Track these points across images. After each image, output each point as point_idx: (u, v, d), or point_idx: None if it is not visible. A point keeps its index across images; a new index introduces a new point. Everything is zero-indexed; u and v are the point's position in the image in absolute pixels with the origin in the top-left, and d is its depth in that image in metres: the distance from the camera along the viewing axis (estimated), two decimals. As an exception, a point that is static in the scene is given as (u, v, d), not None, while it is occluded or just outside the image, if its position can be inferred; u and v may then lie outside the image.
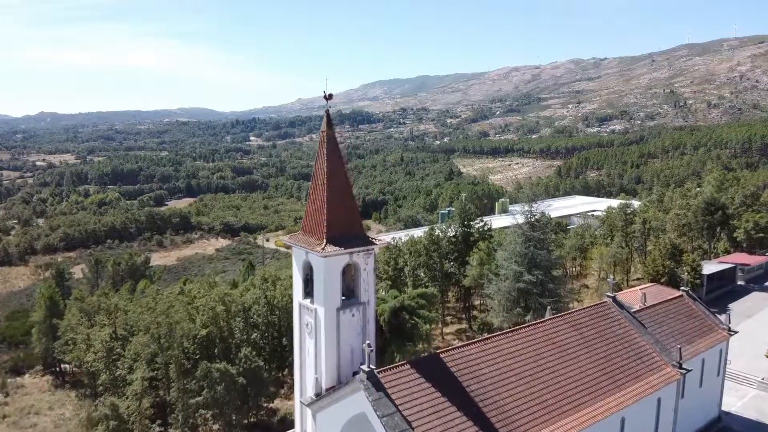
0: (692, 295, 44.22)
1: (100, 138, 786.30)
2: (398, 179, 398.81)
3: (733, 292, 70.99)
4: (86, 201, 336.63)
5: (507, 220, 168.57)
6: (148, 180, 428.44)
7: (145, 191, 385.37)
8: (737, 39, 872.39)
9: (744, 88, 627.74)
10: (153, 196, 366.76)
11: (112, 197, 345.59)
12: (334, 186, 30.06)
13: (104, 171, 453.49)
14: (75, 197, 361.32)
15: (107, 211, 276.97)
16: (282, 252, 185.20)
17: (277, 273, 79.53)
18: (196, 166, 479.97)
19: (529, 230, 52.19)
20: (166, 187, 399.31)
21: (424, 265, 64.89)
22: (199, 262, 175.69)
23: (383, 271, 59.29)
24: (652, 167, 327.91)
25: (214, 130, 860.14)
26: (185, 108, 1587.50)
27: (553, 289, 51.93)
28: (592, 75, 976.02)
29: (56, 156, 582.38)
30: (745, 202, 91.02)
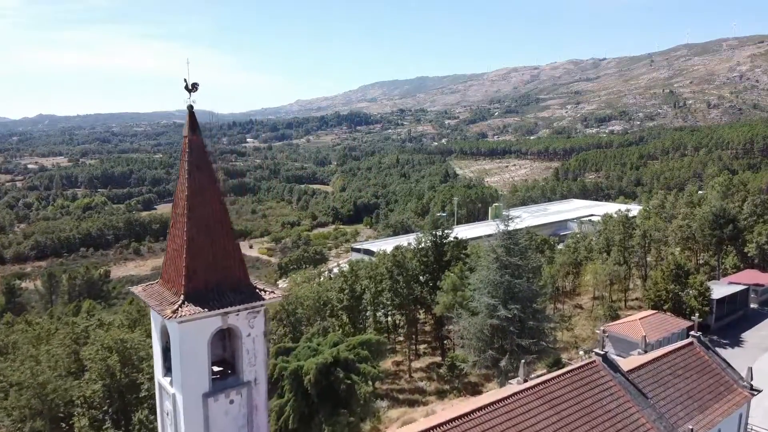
0: (704, 342, 35.29)
1: (95, 140, 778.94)
2: (393, 182, 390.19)
3: (745, 318, 62.05)
4: (71, 205, 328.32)
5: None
6: (138, 183, 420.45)
7: (134, 195, 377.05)
8: (737, 39, 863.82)
9: (744, 88, 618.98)
10: (141, 200, 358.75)
11: (98, 201, 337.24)
12: (200, 216, 21.16)
13: (94, 174, 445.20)
14: (61, 201, 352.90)
15: (91, 216, 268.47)
16: (263, 260, 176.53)
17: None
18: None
19: (504, 254, 43.08)
20: (156, 191, 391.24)
21: (390, 290, 55.96)
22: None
23: (337, 301, 50.45)
24: (652, 169, 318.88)
25: (211, 131, 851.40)
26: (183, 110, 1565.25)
27: (535, 327, 42.81)
28: (591, 75, 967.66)
29: (49, 159, 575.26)
30: (755, 212, 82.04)
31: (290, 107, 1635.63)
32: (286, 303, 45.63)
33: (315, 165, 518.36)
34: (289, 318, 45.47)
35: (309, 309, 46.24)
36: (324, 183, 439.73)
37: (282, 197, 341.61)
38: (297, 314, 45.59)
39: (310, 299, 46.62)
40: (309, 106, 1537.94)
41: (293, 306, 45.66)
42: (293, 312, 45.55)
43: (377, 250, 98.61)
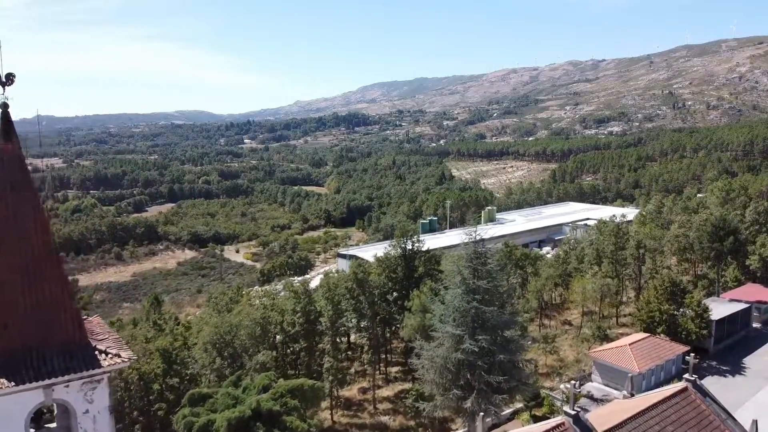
0: (701, 386, 29.64)
1: (92, 141, 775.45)
2: (388, 183, 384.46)
3: (747, 340, 56.42)
4: (60, 208, 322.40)
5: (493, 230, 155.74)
6: (131, 185, 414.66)
7: (126, 196, 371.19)
8: (736, 39, 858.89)
9: (743, 89, 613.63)
10: (132, 201, 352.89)
11: (88, 204, 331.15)
12: (14, 253, 15.72)
13: (87, 176, 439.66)
14: (50, 203, 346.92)
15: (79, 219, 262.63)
16: (248, 266, 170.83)
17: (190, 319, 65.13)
18: (183, 170, 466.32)
19: (471, 277, 37.48)
20: (147, 192, 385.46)
21: (355, 310, 50.44)
22: (154, 278, 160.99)
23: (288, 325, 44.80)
24: (650, 171, 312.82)
25: (209, 132, 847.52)
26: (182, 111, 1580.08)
27: (506, 362, 37.17)
28: (590, 76, 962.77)
29: (44, 160, 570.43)
30: (758, 220, 76.44)
31: (289, 108, 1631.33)
32: (222, 331, 40.07)
33: (311, 166, 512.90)
34: (227, 348, 39.93)
35: (247, 339, 40.59)
36: (319, 184, 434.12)
37: (275, 199, 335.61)
38: (234, 345, 40.03)
39: (248, 327, 40.92)
40: (308, 107, 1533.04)
41: (231, 335, 40.07)
42: (230, 342, 39.99)
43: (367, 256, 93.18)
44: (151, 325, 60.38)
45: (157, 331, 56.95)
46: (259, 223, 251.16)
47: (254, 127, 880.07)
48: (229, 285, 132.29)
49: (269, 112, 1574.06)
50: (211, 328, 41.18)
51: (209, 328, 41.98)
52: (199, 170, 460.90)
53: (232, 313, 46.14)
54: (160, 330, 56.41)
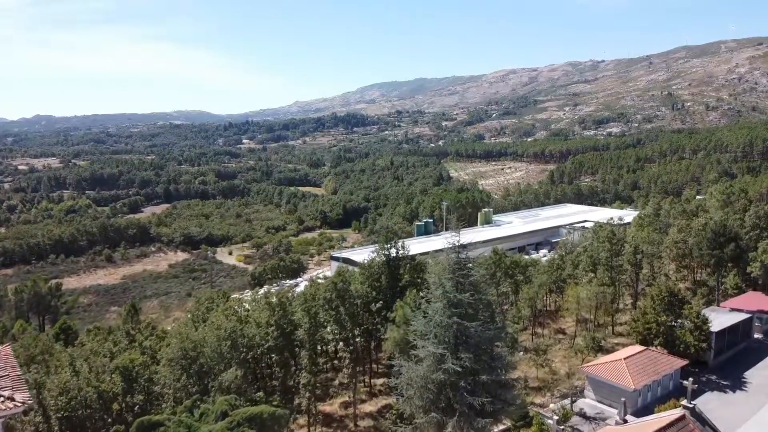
0: (699, 414, 27.09)
1: (90, 141, 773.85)
2: (385, 184, 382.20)
3: (748, 352, 53.76)
4: (54, 209, 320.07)
5: (490, 232, 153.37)
6: (127, 185, 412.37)
7: (121, 197, 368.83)
8: (735, 40, 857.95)
9: (743, 90, 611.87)
10: (128, 202, 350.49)
11: (82, 204, 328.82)
12: None
13: (83, 176, 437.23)
14: (45, 204, 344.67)
15: (73, 220, 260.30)
16: (240, 269, 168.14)
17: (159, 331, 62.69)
18: (179, 170, 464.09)
19: (453, 290, 34.86)
20: (143, 193, 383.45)
21: (336, 322, 47.77)
22: (144, 281, 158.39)
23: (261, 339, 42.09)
24: (649, 172, 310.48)
25: (207, 132, 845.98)
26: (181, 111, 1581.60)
27: (491, 382, 34.55)
28: (589, 77, 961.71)
29: (41, 160, 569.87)
30: (758, 224, 73.81)
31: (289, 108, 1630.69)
32: (186, 347, 37.43)
33: (308, 167, 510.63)
34: (193, 366, 37.30)
35: (213, 355, 37.91)
36: (316, 185, 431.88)
37: (271, 200, 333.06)
38: (199, 362, 37.38)
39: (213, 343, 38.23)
40: (307, 108, 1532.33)
41: (196, 352, 37.44)
42: (196, 358, 37.36)
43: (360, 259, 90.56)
44: (125, 335, 57.92)
45: (129, 342, 54.50)
46: (253, 224, 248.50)
47: (253, 127, 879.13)
48: (219, 288, 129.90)
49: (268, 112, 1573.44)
50: (176, 343, 38.57)
51: (175, 342, 39.37)
52: (196, 171, 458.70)
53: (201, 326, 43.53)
54: (131, 341, 53.94)
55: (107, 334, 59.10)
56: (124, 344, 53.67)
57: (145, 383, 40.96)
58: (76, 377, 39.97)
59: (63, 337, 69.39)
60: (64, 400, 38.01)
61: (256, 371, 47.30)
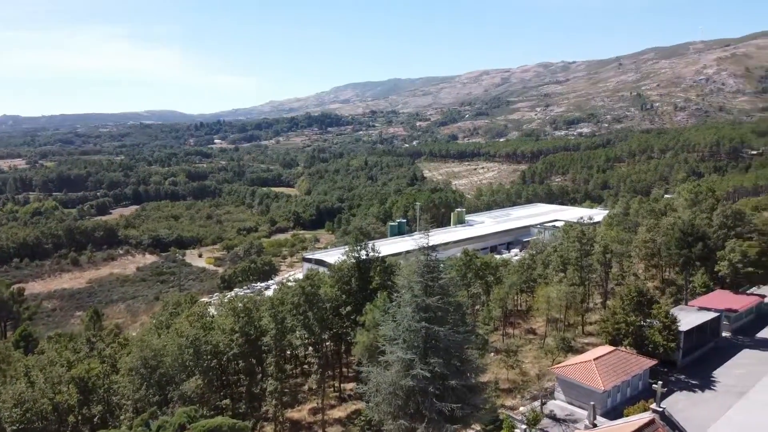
0: (669, 417, 26.80)
1: (58, 141, 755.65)
2: (359, 185, 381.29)
3: (717, 351, 54.17)
4: (20, 210, 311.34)
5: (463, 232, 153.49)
6: (95, 186, 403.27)
7: (89, 199, 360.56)
8: (703, 42, 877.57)
9: (710, 91, 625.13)
10: (96, 204, 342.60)
11: (48, 206, 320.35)
12: None
13: (49, 177, 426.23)
14: (11, 206, 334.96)
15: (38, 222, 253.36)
16: (210, 272, 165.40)
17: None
18: (149, 171, 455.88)
19: (422, 293, 34.13)
20: (112, 194, 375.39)
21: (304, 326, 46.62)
22: (111, 285, 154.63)
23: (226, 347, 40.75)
24: (619, 172, 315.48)
25: (178, 132, 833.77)
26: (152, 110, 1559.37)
27: (461, 387, 33.91)
28: (561, 78, 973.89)
29: (7, 161, 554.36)
30: (725, 224, 74.73)
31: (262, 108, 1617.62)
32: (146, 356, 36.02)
33: (282, 167, 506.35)
34: (153, 375, 35.90)
35: (172, 365, 36.56)
36: (290, 185, 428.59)
37: (243, 201, 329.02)
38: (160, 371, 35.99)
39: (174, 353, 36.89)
40: (281, 107, 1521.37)
41: (156, 360, 36.06)
42: (156, 368, 35.97)
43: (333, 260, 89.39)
44: (86, 342, 56.06)
45: (90, 349, 52.74)
46: (224, 225, 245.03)
47: (225, 127, 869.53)
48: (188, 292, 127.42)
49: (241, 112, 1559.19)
50: (136, 351, 37.10)
51: (135, 350, 37.88)
52: (166, 171, 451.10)
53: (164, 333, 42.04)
54: (91, 349, 52.17)
55: (68, 342, 57.06)
56: (85, 352, 51.89)
57: (104, 393, 39.41)
58: (31, 388, 38.24)
59: (23, 344, 66.97)
60: (18, 412, 36.30)
61: (222, 378, 46.02)
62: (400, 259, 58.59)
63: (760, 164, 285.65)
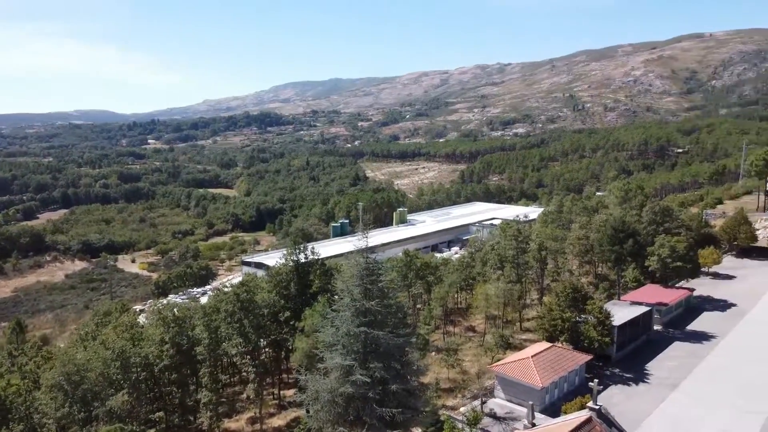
0: (605, 415, 27.17)
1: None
2: (301, 185, 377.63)
3: (649, 344, 56.06)
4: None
5: (405, 232, 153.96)
6: (21, 190, 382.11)
7: (15, 203, 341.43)
8: (631, 45, 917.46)
9: (638, 92, 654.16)
10: (22, 208, 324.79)
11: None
12: None
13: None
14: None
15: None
16: (143, 277, 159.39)
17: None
18: (79, 173, 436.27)
19: (361, 297, 33.43)
20: (39, 198, 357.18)
21: (240, 334, 44.98)
22: (38, 293, 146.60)
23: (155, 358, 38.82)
24: (553, 171, 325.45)
25: (110, 133, 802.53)
26: (82, 110, 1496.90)
27: (401, 391, 33.43)
28: (497, 80, 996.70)
29: None
30: (655, 220, 77.75)
31: (198, 107, 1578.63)
32: (71, 371, 33.77)
33: (219, 167, 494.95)
34: (77, 391, 33.68)
35: (96, 380, 34.47)
36: (228, 186, 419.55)
37: (178, 203, 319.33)
38: (84, 386, 33.83)
39: (98, 367, 34.81)
40: (218, 106, 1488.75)
41: (80, 375, 33.87)
42: (80, 383, 33.79)
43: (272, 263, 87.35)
44: (7, 356, 52.49)
45: (11, 364, 49.38)
46: (159, 229, 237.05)
47: (159, 126, 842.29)
48: (120, 299, 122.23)
49: (176, 111, 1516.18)
50: (58, 366, 34.73)
51: (58, 365, 35.47)
52: (97, 173, 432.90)
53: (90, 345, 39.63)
54: (12, 363, 48.84)
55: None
56: (6, 367, 48.59)
57: (25, 411, 36.76)
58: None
59: (-64, 361, 62.02)
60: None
61: (155, 390, 43.92)
62: (342, 261, 57.94)
63: (685, 162, 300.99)
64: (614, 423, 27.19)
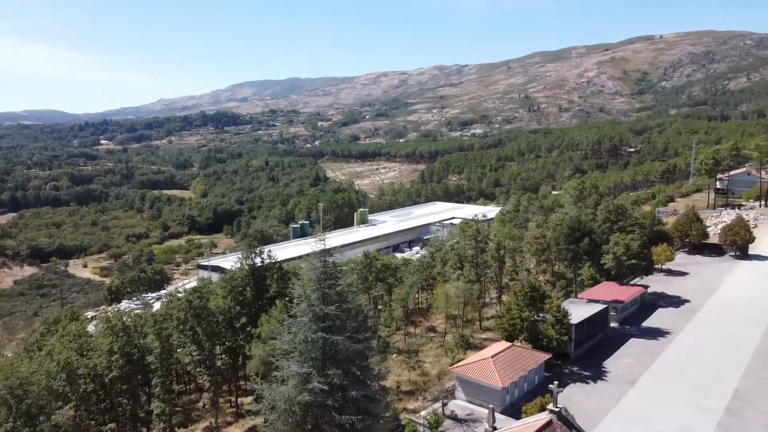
0: (566, 417, 27.11)
1: None
2: (260, 186, 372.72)
3: (606, 342, 56.86)
4: None
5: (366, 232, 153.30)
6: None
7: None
8: (584, 47, 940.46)
9: (591, 93, 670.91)
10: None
11: None
12: None
13: None
14: None
15: None
16: (95, 283, 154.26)
17: None
18: (28, 175, 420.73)
19: (319, 302, 32.59)
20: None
21: (194, 342, 43.46)
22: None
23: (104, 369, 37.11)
24: (510, 170, 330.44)
25: (61, 133, 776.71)
26: (32, 110, 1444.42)
27: (361, 398, 32.74)
28: (455, 81, 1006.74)
29: None
30: (609, 218, 79.28)
31: (153, 106, 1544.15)
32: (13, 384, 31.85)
33: (175, 168, 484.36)
34: (21, 405, 31.79)
35: (40, 394, 32.65)
36: (184, 188, 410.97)
37: (132, 205, 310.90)
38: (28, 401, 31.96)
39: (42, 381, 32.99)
40: (173, 106, 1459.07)
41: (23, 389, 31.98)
42: (23, 397, 31.91)
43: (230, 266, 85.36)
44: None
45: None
46: (112, 232, 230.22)
47: (112, 126, 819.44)
48: (71, 306, 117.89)
49: (130, 110, 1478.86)
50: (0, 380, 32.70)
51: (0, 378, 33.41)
52: (47, 175, 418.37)
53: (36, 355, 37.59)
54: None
55: None
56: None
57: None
58: None
59: None
60: None
61: (105, 402, 42.05)
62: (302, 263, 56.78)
63: (637, 161, 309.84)
64: (574, 425, 27.15)
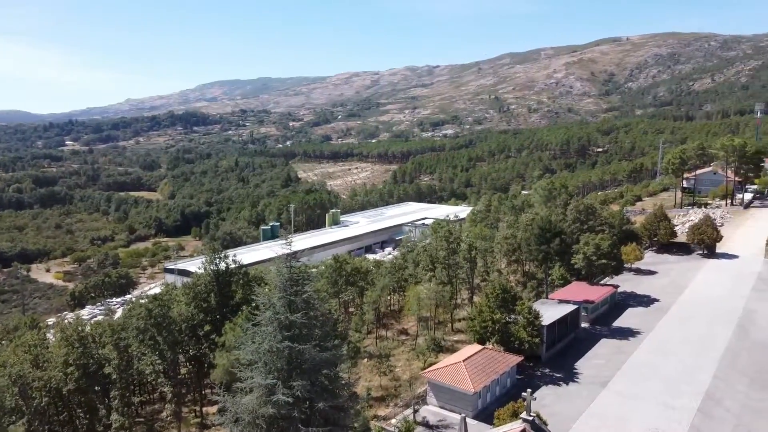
0: (539, 426, 26.38)
1: None
2: (230, 187, 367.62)
3: (577, 343, 56.66)
4: None
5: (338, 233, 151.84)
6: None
7: None
8: (553, 48, 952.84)
9: (559, 94, 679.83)
10: None
11: None
12: None
13: None
14: None
15: None
16: (58, 288, 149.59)
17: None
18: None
19: (285, 310, 31.32)
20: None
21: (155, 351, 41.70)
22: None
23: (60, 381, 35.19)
24: (480, 170, 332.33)
25: (24, 134, 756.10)
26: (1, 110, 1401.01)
27: (329, 408, 31.58)
28: (426, 81, 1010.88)
29: None
30: (579, 218, 79.53)
31: (119, 107, 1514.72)
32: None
33: (142, 169, 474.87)
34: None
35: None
36: (151, 189, 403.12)
37: (97, 208, 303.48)
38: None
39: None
40: (141, 106, 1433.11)
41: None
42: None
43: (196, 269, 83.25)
44: None
45: None
46: (76, 236, 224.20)
47: (78, 127, 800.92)
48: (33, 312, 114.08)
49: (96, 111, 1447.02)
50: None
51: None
52: (9, 177, 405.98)
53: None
54: None
55: None
56: None
57: None
58: None
59: None
60: None
61: (63, 415, 40.07)
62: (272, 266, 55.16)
63: (605, 160, 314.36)
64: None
